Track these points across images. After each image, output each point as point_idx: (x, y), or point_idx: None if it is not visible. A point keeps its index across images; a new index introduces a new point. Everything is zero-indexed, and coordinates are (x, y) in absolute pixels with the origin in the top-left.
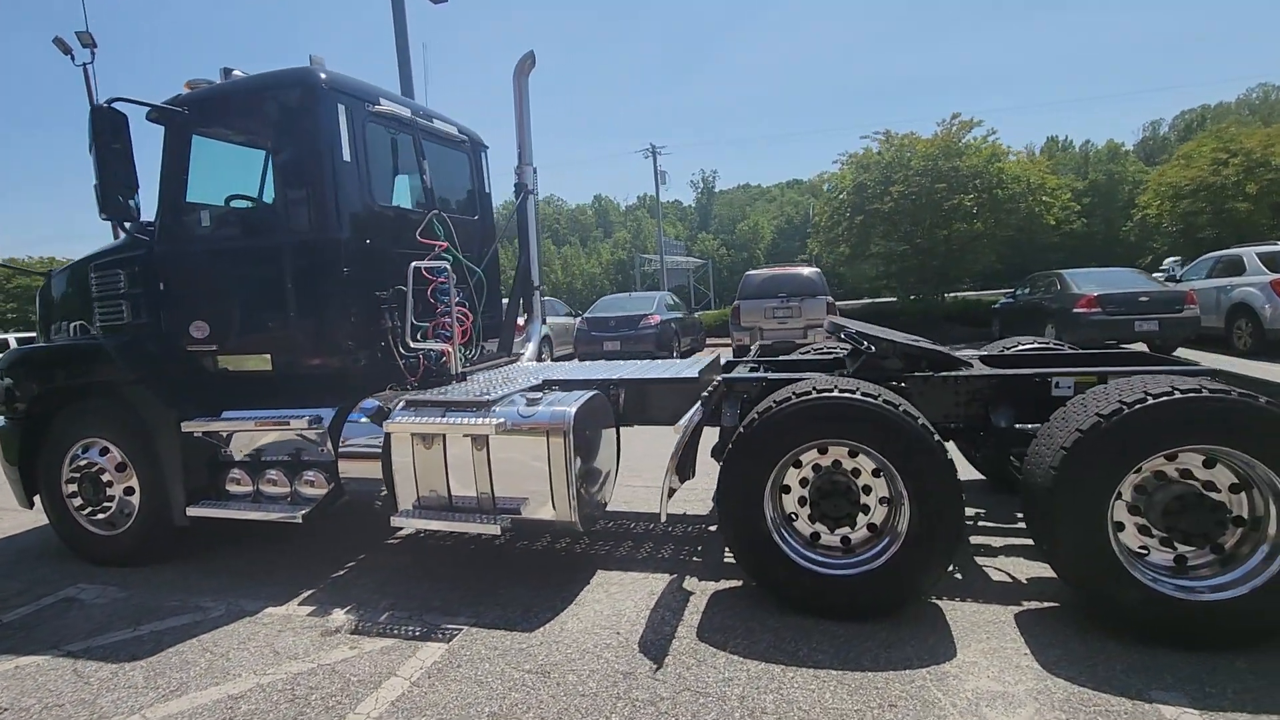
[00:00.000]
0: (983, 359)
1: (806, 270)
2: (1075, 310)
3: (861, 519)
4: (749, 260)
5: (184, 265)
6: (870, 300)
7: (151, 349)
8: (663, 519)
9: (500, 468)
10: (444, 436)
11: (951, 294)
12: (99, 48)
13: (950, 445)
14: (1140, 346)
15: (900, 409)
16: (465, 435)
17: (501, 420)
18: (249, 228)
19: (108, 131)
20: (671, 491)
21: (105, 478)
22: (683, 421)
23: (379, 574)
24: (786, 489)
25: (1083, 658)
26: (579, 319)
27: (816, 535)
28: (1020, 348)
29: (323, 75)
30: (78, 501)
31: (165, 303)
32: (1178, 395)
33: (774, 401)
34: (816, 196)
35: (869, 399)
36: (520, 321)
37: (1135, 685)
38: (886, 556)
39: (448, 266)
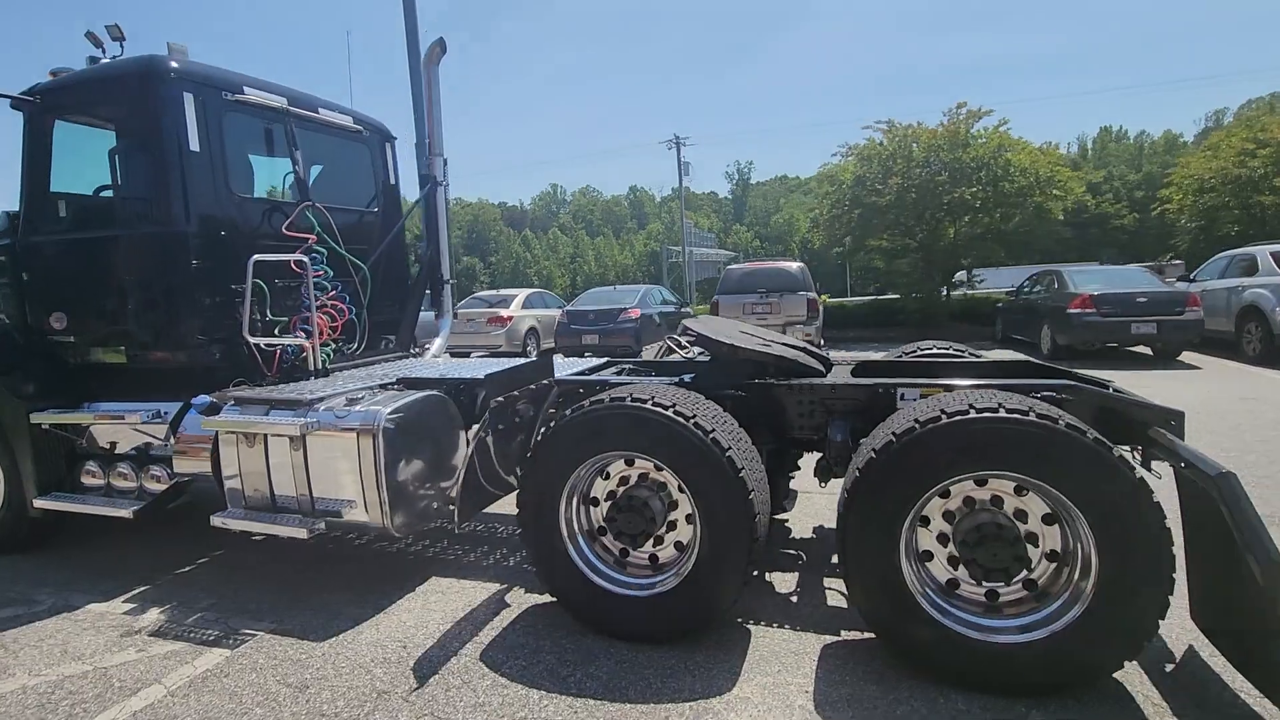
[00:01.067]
0: (856, 367)
1: (792, 265)
2: (1069, 311)
3: (670, 537)
4: (783, 254)
5: (44, 255)
6: (875, 297)
7: (15, 339)
8: (456, 529)
9: (316, 469)
10: (262, 435)
11: (957, 291)
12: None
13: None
14: (1142, 349)
15: (691, 421)
16: (278, 435)
17: (313, 420)
18: (101, 219)
19: None
20: (465, 505)
21: None
22: (475, 427)
23: (221, 572)
24: (595, 501)
25: (866, 700)
26: (561, 311)
27: (625, 552)
28: (919, 353)
29: (172, 64)
30: None
31: (29, 292)
32: (972, 415)
33: (569, 409)
34: (832, 186)
35: (658, 409)
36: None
37: None
38: (679, 579)
39: (307, 260)
